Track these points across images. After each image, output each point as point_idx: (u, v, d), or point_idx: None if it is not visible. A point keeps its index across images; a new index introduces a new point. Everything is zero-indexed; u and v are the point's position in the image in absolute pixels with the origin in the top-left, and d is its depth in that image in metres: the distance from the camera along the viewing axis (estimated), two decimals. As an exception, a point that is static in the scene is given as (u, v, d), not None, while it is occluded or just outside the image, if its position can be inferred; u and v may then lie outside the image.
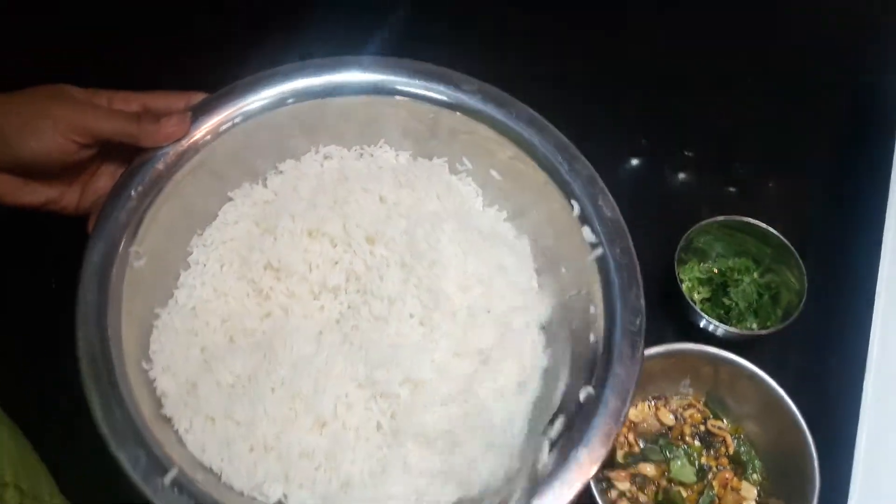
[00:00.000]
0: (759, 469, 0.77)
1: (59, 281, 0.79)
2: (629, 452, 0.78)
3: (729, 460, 0.78)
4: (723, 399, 0.80)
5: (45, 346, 0.70)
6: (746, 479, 0.77)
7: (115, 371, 0.63)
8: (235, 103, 0.74)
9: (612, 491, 0.76)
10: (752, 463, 0.78)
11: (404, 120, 0.79)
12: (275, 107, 0.75)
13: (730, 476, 0.77)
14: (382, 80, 0.76)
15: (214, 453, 0.65)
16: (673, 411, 0.80)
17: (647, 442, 0.78)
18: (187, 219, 0.75)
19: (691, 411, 0.80)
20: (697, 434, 0.79)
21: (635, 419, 0.79)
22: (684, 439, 0.79)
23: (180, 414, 0.67)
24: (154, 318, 0.71)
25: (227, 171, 0.76)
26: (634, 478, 0.77)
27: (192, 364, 0.69)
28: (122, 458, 0.60)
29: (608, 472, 0.76)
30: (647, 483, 0.77)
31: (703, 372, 0.78)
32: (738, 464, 0.78)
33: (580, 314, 0.71)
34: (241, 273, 0.73)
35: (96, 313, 0.65)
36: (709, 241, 0.87)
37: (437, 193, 0.77)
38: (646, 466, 0.77)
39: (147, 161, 0.70)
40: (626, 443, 0.78)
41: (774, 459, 0.77)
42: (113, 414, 0.61)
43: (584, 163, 0.72)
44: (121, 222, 0.68)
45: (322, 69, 0.76)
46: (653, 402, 0.81)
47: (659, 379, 0.79)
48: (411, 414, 0.67)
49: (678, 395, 0.81)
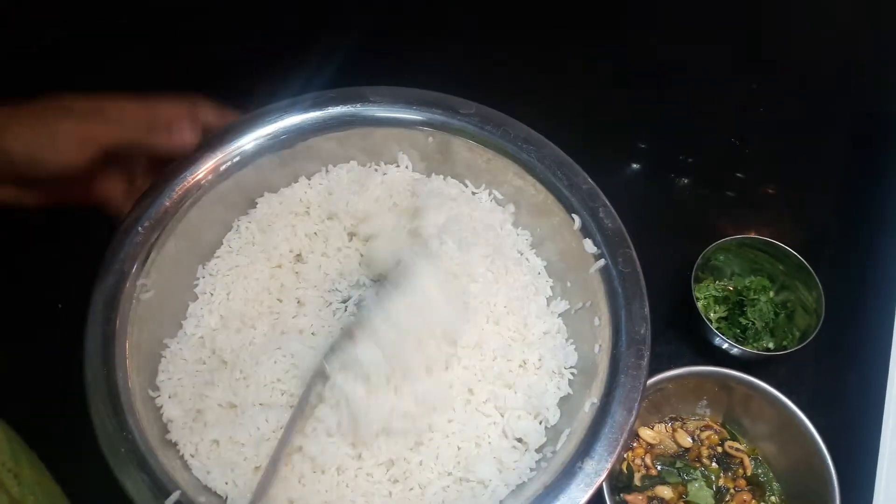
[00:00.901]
0: (778, 491, 0.75)
1: (65, 302, 0.80)
2: (646, 475, 0.75)
3: (747, 482, 0.76)
4: (740, 420, 0.78)
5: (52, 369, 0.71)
6: (765, 501, 0.75)
7: (121, 399, 0.64)
8: (238, 139, 0.76)
9: None
10: (771, 485, 0.75)
11: (404, 145, 0.80)
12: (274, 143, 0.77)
13: (748, 498, 0.75)
14: (381, 111, 0.78)
15: (219, 476, 0.65)
16: (690, 433, 0.78)
17: (664, 464, 0.76)
18: (193, 251, 0.76)
19: (708, 433, 0.78)
20: (715, 456, 0.77)
21: (652, 441, 0.77)
22: (702, 461, 0.77)
23: (186, 439, 0.67)
24: (162, 348, 0.72)
25: (232, 200, 0.78)
26: (651, 500, 0.74)
27: (198, 391, 0.69)
28: (125, 481, 0.61)
29: (625, 496, 0.74)
30: None
31: (719, 393, 0.76)
32: (756, 485, 0.76)
33: (586, 326, 0.71)
34: (247, 298, 0.74)
35: (104, 345, 0.66)
36: (726, 260, 0.86)
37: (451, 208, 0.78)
38: (663, 489, 0.75)
39: (155, 198, 0.72)
40: (642, 465, 0.76)
41: (793, 481, 0.74)
42: (117, 439, 0.62)
43: (584, 177, 0.73)
44: (128, 255, 0.70)
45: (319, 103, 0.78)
46: (670, 423, 0.79)
47: (675, 401, 0.78)
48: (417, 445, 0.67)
49: (695, 417, 0.79)
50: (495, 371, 0.69)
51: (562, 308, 0.74)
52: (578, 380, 0.70)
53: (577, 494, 0.60)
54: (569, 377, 0.71)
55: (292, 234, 0.77)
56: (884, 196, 0.88)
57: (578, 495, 0.60)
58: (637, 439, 0.76)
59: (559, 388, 0.70)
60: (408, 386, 0.67)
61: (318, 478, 0.65)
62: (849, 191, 0.93)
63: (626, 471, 0.75)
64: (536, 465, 0.67)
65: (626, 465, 0.75)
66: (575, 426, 0.65)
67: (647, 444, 0.77)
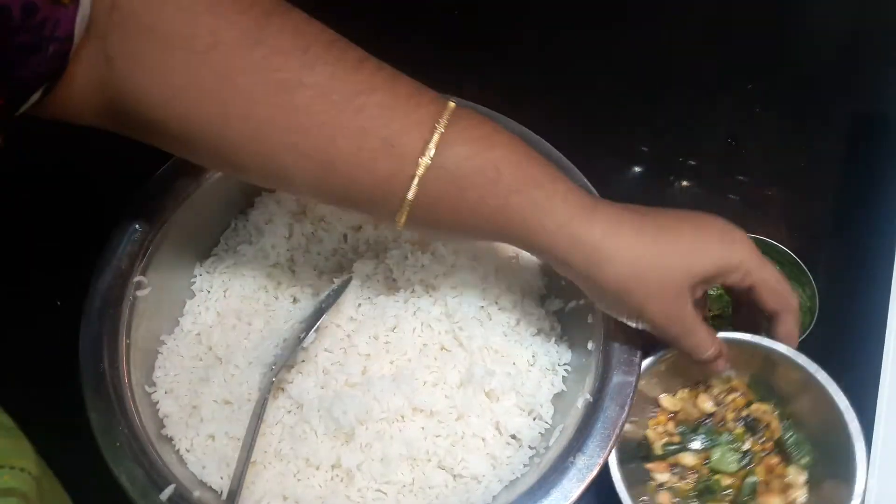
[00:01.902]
0: (808, 452, 0.71)
1: (63, 300, 0.81)
2: (669, 443, 0.72)
3: (775, 445, 0.72)
4: (768, 382, 0.73)
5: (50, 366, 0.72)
6: (795, 463, 0.71)
7: (117, 393, 0.65)
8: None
9: (651, 482, 0.71)
10: (800, 447, 0.71)
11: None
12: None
13: (775, 462, 0.71)
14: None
15: (214, 471, 0.66)
16: (714, 397, 0.74)
17: (686, 431, 0.73)
18: (190, 249, 0.77)
19: (734, 395, 0.74)
20: (741, 419, 0.73)
21: (674, 408, 0.74)
22: (727, 425, 0.73)
23: (181, 434, 0.68)
24: (159, 344, 0.73)
25: (230, 199, 0.78)
26: (674, 468, 0.72)
27: (194, 387, 0.70)
28: (120, 475, 0.61)
29: (647, 465, 0.71)
30: (687, 473, 0.71)
31: (744, 357, 0.72)
32: (784, 449, 0.72)
33: (580, 323, 0.71)
34: (243, 295, 0.75)
35: (101, 341, 0.67)
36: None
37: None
38: (685, 456, 0.71)
39: (154, 194, 0.73)
40: (665, 433, 0.73)
41: (822, 443, 0.71)
42: (112, 433, 0.63)
43: (576, 173, 0.73)
44: (126, 252, 0.71)
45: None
46: (692, 389, 0.75)
47: (697, 366, 0.71)
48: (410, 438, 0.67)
49: (719, 380, 0.74)
50: (488, 368, 0.69)
51: (556, 306, 0.75)
52: (572, 377, 0.71)
53: (570, 489, 0.61)
54: (562, 374, 0.71)
55: (289, 233, 0.78)
56: (880, 196, 0.87)
57: (571, 490, 0.61)
58: (658, 407, 0.74)
59: (553, 385, 0.70)
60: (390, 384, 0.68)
61: (312, 473, 0.66)
62: (845, 190, 0.93)
63: (646, 439, 0.72)
64: (530, 461, 0.67)
65: (646, 433, 0.72)
66: (567, 422, 0.66)
67: (670, 412, 0.74)
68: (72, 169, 0.89)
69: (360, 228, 0.78)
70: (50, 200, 0.87)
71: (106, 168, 0.87)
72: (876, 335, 0.77)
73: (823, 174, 0.95)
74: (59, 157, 0.90)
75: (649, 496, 0.70)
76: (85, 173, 0.88)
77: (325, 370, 0.70)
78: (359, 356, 0.70)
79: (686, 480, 0.71)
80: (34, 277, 0.83)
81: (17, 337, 0.79)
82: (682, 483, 0.71)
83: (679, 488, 0.71)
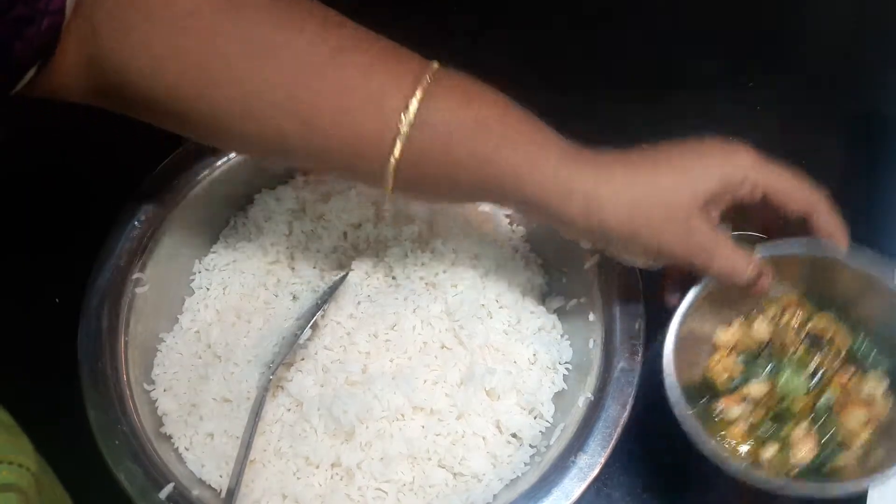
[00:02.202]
0: (884, 359, 0.65)
1: (62, 297, 0.80)
2: (730, 378, 0.67)
3: (846, 358, 0.66)
4: (823, 291, 0.67)
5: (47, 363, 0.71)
6: (871, 372, 0.65)
7: (116, 391, 0.65)
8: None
9: (722, 420, 0.66)
10: (874, 354, 0.66)
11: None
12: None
13: (850, 374, 0.66)
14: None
15: (213, 469, 0.65)
16: (769, 321, 0.68)
17: (749, 361, 0.67)
18: (189, 246, 0.76)
19: (789, 314, 0.68)
20: (804, 338, 0.67)
21: (730, 342, 0.68)
22: (789, 348, 0.67)
23: (180, 432, 0.67)
24: (158, 342, 0.72)
25: (229, 197, 0.78)
26: (744, 402, 0.66)
27: (193, 385, 0.70)
28: (119, 473, 0.61)
29: (715, 403, 0.66)
30: (758, 404, 0.66)
31: (790, 271, 0.66)
32: (857, 359, 0.66)
33: (581, 322, 0.71)
34: (243, 293, 0.75)
35: (100, 338, 0.67)
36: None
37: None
38: (752, 387, 0.66)
39: (153, 191, 0.73)
40: (725, 369, 0.67)
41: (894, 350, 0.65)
42: (111, 431, 0.63)
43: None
44: (125, 249, 0.71)
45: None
46: (745, 318, 0.69)
47: (740, 292, 0.66)
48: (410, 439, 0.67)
49: (770, 302, 0.68)
50: (489, 366, 0.69)
51: (557, 304, 0.74)
52: (573, 375, 0.70)
53: (571, 488, 0.60)
54: (563, 372, 0.71)
55: (288, 231, 0.77)
56: (881, 196, 0.87)
57: (572, 489, 0.60)
58: (712, 346, 0.68)
59: (553, 384, 0.70)
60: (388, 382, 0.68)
61: (311, 471, 0.66)
62: (847, 190, 0.92)
63: (708, 379, 0.67)
64: (531, 460, 0.67)
65: (706, 374, 0.67)
66: (569, 421, 0.65)
67: (725, 349, 0.68)
68: (70, 166, 0.89)
69: (360, 226, 0.77)
70: (48, 198, 0.87)
71: (104, 165, 0.87)
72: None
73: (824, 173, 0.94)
74: (57, 155, 0.89)
75: (725, 432, 0.65)
76: (83, 170, 0.88)
77: (324, 368, 0.69)
78: (359, 354, 0.70)
79: (759, 410, 0.66)
80: (32, 275, 0.82)
81: (15, 335, 0.79)
82: (754, 415, 0.66)
83: (753, 421, 0.66)
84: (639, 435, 0.69)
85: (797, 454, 0.64)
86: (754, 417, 0.66)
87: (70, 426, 0.63)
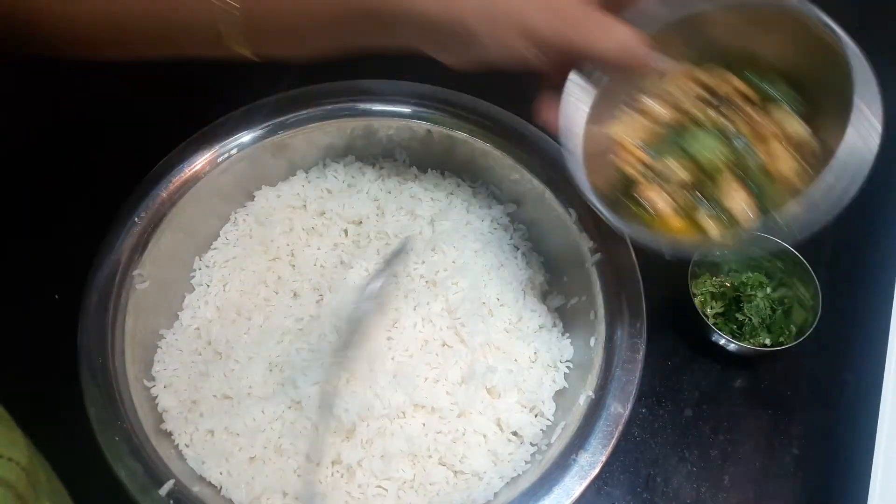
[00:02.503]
0: (792, 97, 0.60)
1: (62, 293, 0.80)
2: (643, 168, 0.62)
3: (759, 109, 0.61)
4: (714, 47, 0.61)
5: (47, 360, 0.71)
6: (781, 113, 0.60)
7: (116, 388, 0.64)
8: (235, 132, 0.76)
9: (649, 210, 0.61)
10: (782, 92, 0.60)
11: (402, 139, 0.80)
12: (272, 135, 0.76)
13: (759, 118, 0.60)
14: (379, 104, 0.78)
15: (213, 466, 0.65)
16: (664, 100, 0.63)
17: (652, 148, 0.62)
18: (190, 242, 0.76)
19: (678, 83, 0.62)
20: (702, 101, 0.62)
21: (633, 135, 0.63)
22: (691, 116, 0.62)
23: (181, 429, 0.67)
24: (158, 338, 0.72)
25: (230, 193, 0.78)
26: (667, 182, 0.62)
27: (193, 381, 0.69)
28: (119, 470, 0.61)
29: (634, 195, 0.62)
30: (681, 184, 0.61)
31: (672, 40, 0.59)
32: (770, 108, 0.61)
33: (582, 320, 0.71)
34: (243, 290, 0.75)
35: (100, 334, 0.66)
36: (722, 256, 0.86)
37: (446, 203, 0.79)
38: (669, 166, 0.61)
39: (151, 188, 0.72)
40: (630, 163, 0.62)
41: (811, 80, 0.59)
42: (111, 428, 0.62)
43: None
44: (125, 246, 0.70)
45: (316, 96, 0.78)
46: (640, 106, 0.64)
47: (631, 78, 0.62)
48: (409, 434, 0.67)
49: (664, 81, 0.63)
50: (489, 364, 0.69)
51: (558, 303, 0.74)
52: (574, 373, 0.70)
53: (572, 486, 0.60)
54: (564, 371, 0.71)
55: (289, 227, 0.77)
56: (883, 196, 0.87)
57: (573, 487, 0.60)
58: (618, 145, 0.63)
59: (554, 382, 0.70)
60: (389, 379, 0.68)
61: (312, 469, 0.66)
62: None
63: (624, 177, 0.63)
64: (531, 458, 0.67)
65: (620, 173, 0.63)
66: (570, 419, 0.65)
67: (621, 144, 0.63)
68: (70, 162, 0.88)
69: (361, 223, 0.77)
70: (47, 194, 0.86)
71: (104, 161, 0.86)
72: (879, 333, 0.77)
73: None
74: (57, 150, 0.89)
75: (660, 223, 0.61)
76: (83, 166, 0.88)
77: (325, 366, 0.69)
78: (359, 351, 0.70)
79: (682, 191, 0.62)
80: (31, 272, 0.82)
81: (14, 332, 0.78)
82: (680, 195, 0.62)
83: (683, 203, 0.61)
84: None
85: (734, 208, 0.59)
86: (683, 199, 0.61)
87: (70, 423, 0.63)
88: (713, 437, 0.77)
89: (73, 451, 0.63)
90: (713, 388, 0.80)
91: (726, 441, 0.77)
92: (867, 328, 0.80)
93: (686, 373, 0.80)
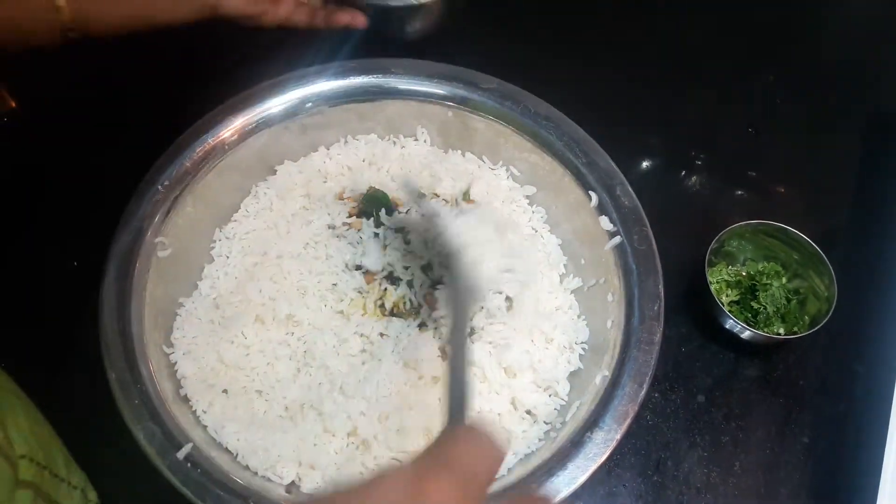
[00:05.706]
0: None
1: (80, 261, 0.81)
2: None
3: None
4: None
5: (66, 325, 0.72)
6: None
7: (135, 352, 0.65)
8: (260, 105, 0.76)
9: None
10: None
11: (424, 119, 0.81)
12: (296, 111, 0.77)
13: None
14: (402, 83, 0.78)
15: (231, 433, 0.66)
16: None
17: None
18: (211, 213, 0.77)
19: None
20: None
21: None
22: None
23: (199, 395, 0.68)
24: (177, 306, 0.73)
25: (252, 166, 0.78)
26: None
27: (211, 349, 0.70)
28: (137, 432, 0.61)
29: None
30: None
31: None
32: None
33: (599, 302, 0.71)
34: (261, 260, 0.75)
35: (120, 298, 0.67)
36: (739, 245, 0.86)
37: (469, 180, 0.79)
38: None
39: (175, 158, 0.73)
40: None
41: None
42: (130, 392, 0.63)
43: (603, 155, 0.73)
44: (147, 213, 0.70)
45: (341, 73, 0.78)
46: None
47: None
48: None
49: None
50: (505, 344, 0.69)
51: (575, 285, 0.75)
52: (589, 355, 0.71)
53: (586, 464, 0.61)
54: (579, 352, 0.71)
55: (309, 202, 0.77)
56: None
57: (587, 464, 0.61)
58: None
59: (570, 363, 0.70)
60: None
61: (328, 439, 0.66)
62: (863, 182, 0.93)
63: None
64: (545, 436, 0.67)
65: None
66: (584, 398, 0.66)
67: None
68: (94, 131, 0.89)
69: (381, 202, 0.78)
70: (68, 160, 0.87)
71: (130, 128, 0.87)
72: (892, 326, 0.77)
73: (843, 166, 0.95)
74: (81, 120, 0.89)
75: None
76: (109, 135, 0.88)
77: (343, 338, 0.70)
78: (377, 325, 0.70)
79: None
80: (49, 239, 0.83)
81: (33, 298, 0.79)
82: None
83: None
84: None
85: None
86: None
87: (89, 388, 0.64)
88: (725, 424, 0.78)
89: (86, 418, 0.64)
90: (726, 376, 0.80)
91: (738, 428, 0.77)
92: (880, 320, 0.80)
93: (699, 360, 0.81)
